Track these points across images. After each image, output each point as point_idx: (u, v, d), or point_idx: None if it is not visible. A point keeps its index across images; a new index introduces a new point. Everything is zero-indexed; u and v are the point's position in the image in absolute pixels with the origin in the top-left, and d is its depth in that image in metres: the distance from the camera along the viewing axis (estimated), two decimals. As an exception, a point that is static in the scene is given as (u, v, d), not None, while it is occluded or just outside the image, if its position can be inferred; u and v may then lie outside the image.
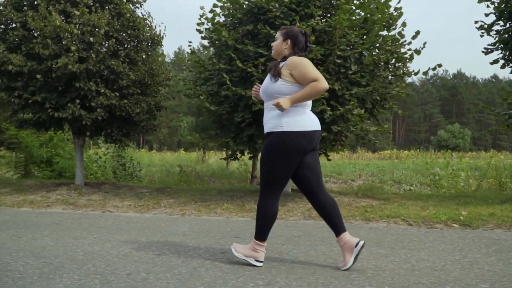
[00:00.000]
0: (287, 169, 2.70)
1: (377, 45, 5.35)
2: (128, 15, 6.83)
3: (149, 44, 7.18)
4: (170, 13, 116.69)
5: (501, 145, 66.83)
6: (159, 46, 7.35)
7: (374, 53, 5.42)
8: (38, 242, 3.55)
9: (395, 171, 15.25)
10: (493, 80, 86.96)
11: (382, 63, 5.48)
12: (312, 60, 5.21)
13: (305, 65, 2.66)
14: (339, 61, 5.14)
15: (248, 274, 2.64)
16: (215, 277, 2.60)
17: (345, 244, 2.76)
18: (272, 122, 2.72)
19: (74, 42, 5.98)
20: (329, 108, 5.11)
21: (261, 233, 2.79)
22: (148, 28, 7.13)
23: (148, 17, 7.31)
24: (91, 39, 6.09)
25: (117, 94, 6.48)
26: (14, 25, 6.61)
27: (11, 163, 10.77)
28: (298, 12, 5.36)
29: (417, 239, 3.77)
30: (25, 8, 6.41)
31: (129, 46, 6.81)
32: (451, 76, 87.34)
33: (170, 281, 2.52)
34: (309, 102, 2.78)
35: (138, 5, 7.23)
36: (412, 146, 58.32)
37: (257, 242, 2.81)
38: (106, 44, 6.49)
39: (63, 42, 6.07)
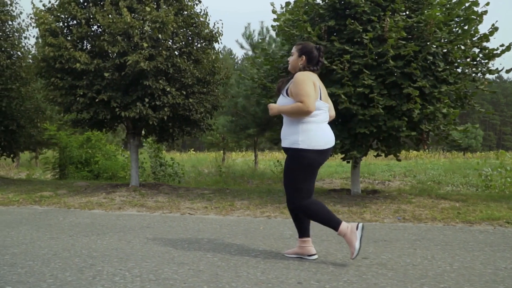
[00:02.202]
0: (309, 179, 2.88)
1: (467, 41, 5.16)
2: (190, 11, 6.65)
3: (208, 41, 7.00)
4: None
5: (505, 145, 66.57)
6: (215, 43, 7.17)
7: (462, 50, 5.24)
8: (157, 247, 3.36)
9: (426, 171, 15.01)
10: (497, 80, 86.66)
11: (469, 60, 5.29)
12: (403, 57, 5.03)
13: (302, 84, 2.79)
14: (430, 57, 4.96)
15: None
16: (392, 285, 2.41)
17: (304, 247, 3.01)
18: (289, 138, 2.87)
19: (144, 39, 5.79)
20: (420, 107, 4.92)
21: (332, 222, 2.85)
22: (206, 25, 6.96)
23: (206, 14, 7.14)
24: (160, 36, 5.91)
25: (183, 92, 6.29)
26: (74, 21, 6.44)
27: (49, 164, 10.61)
28: (385, 8, 5.18)
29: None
30: (90, 4, 6.22)
31: (192, 43, 6.62)
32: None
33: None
34: (326, 117, 2.91)
35: (197, 1, 7.05)
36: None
37: (342, 229, 2.83)
38: (170, 42, 6.32)
39: (132, 39, 5.88)
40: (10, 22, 8.23)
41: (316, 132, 2.81)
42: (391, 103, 5.01)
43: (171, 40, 6.22)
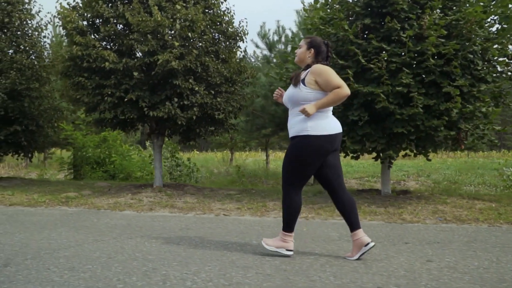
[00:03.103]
0: (309, 169, 2.92)
1: (504, 40, 5.08)
2: (217, 10, 6.57)
3: (234, 39, 6.92)
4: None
5: (506, 144, 66.42)
6: (241, 42, 7.09)
7: (499, 48, 5.16)
8: (210, 250, 3.28)
9: (440, 171, 14.92)
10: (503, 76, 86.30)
11: (507, 59, 5.21)
12: (444, 55, 4.96)
13: (329, 72, 2.85)
14: (470, 56, 4.88)
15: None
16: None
17: (357, 240, 2.95)
18: (297, 126, 2.92)
19: (175, 37, 5.71)
20: (460, 106, 4.84)
21: (288, 225, 3.02)
22: (232, 24, 6.88)
23: (230, 12, 7.05)
24: (189, 34, 5.83)
25: (212, 92, 6.21)
26: (99, 20, 6.35)
27: (64, 164, 10.52)
28: (423, 5, 5.10)
29: None
30: (117, 2, 6.13)
31: (219, 42, 6.54)
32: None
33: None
34: (330, 107, 2.95)
35: (222, 0, 6.96)
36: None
37: (285, 233, 3.03)
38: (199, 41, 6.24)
39: (162, 38, 5.79)
40: (29, 21, 8.13)
41: (323, 119, 2.88)
42: (430, 102, 4.93)
43: (199, 39, 6.13)
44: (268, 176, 13.53)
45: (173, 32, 5.77)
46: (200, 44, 6.01)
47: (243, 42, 7.04)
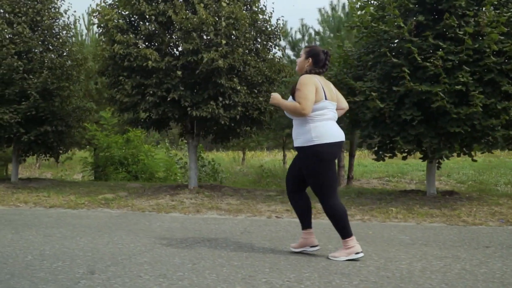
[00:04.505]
0: (332, 173, 3.00)
1: None
2: (255, 7, 6.45)
3: (271, 37, 6.79)
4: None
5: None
6: (278, 40, 6.97)
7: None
8: (294, 255, 3.16)
9: (457, 171, 14.80)
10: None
11: None
12: (505, 53, 4.83)
13: (304, 86, 2.93)
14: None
15: None
16: None
17: (307, 239, 3.18)
18: (302, 137, 2.99)
19: (220, 35, 5.59)
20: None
21: (345, 232, 3.00)
22: (269, 22, 6.75)
23: (265, 10, 6.92)
24: (234, 32, 5.71)
25: (255, 91, 6.09)
26: (137, 17, 6.23)
27: (87, 164, 10.40)
28: (480, 2, 4.98)
29: None
30: (159, 0, 6.00)
31: (261, 40, 6.42)
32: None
33: None
34: (335, 116, 3.08)
35: (259, -3, 6.83)
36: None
37: (346, 240, 2.99)
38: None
39: (207, 36, 5.67)
40: (58, 20, 8.00)
41: (325, 127, 2.96)
42: (489, 101, 4.81)
43: (243, 37, 6.00)
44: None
45: (217, 30, 5.63)
46: (244, 42, 5.88)
47: (280, 40, 6.92)
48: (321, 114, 2.97)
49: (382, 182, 12.42)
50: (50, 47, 7.84)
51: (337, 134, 2.99)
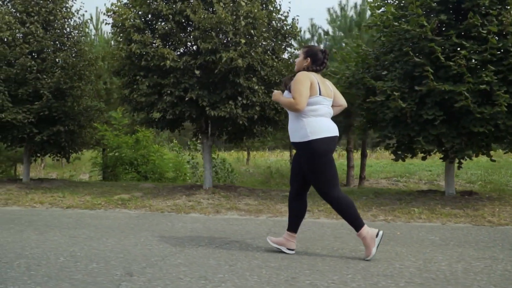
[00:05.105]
0: (331, 167, 3.04)
1: None
2: (272, 7, 6.41)
3: (286, 37, 6.74)
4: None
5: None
6: (293, 40, 6.92)
7: None
8: (329, 258, 3.12)
9: (463, 171, 14.74)
10: None
11: None
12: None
13: (300, 83, 3.00)
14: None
15: None
16: None
17: (288, 240, 3.23)
18: (298, 133, 3.05)
19: (239, 35, 5.54)
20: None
21: (357, 221, 3.04)
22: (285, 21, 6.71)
23: (279, 9, 6.87)
24: (253, 32, 5.67)
25: (273, 90, 6.04)
26: (152, 17, 6.19)
27: (96, 164, 10.36)
28: (503, 1, 4.94)
29: None
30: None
31: (277, 40, 6.38)
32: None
33: None
34: (329, 112, 3.12)
35: (276, -4, 6.78)
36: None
37: (360, 231, 3.01)
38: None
39: (227, 35, 5.63)
40: (70, 19, 7.96)
41: (318, 122, 3.01)
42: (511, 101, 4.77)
43: (261, 36, 5.96)
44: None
45: (236, 29, 5.58)
46: (263, 42, 5.83)
47: (295, 39, 6.88)
48: (315, 110, 3.02)
49: (391, 182, 12.39)
50: (62, 47, 7.80)
51: (331, 129, 3.05)
